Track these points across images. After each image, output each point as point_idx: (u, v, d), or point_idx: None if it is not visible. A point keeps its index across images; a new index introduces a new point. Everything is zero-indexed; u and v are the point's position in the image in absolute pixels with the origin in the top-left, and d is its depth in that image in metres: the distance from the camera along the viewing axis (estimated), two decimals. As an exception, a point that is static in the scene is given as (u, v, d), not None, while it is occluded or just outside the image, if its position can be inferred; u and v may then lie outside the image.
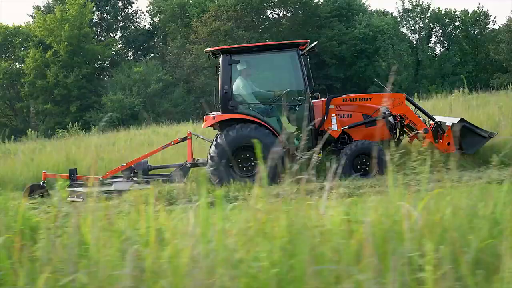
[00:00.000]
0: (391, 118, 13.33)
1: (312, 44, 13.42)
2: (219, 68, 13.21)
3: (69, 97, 48.64)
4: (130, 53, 58.01)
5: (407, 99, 13.42)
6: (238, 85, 13.24)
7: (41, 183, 13.66)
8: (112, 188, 12.89)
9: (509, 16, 50.97)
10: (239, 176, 12.69)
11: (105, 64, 55.56)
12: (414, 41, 52.37)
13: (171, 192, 11.43)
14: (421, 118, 13.29)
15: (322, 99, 13.45)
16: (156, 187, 11.82)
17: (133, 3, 57.81)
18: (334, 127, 13.07)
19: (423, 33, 52.73)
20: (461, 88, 23.14)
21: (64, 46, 48.20)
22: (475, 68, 51.08)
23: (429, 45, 53.27)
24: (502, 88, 32.61)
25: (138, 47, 56.97)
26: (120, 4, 57.08)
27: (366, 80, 51.14)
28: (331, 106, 13.15)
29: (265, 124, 12.87)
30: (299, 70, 13.04)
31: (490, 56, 50.72)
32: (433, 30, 53.97)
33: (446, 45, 54.08)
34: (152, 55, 56.40)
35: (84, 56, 49.77)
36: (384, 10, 57.38)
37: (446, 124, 12.97)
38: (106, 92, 47.41)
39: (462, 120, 12.79)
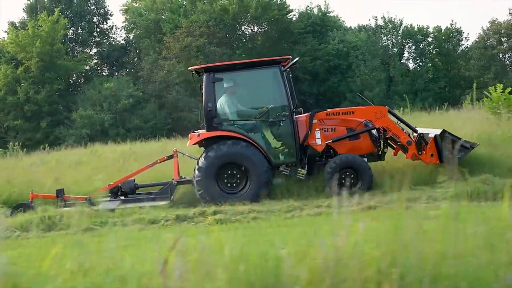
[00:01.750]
0: (374, 131, 13.45)
1: (294, 61, 13.56)
2: (203, 86, 13.28)
3: (40, 113, 48.06)
4: (105, 69, 57.69)
5: (389, 111, 13.56)
6: (222, 103, 13.32)
7: (29, 202, 13.57)
8: (99, 207, 12.96)
9: (479, 33, 51.35)
10: (224, 192, 12.76)
11: (79, 80, 55.16)
12: (386, 57, 52.54)
13: (53, 218, 11.49)
14: (404, 131, 13.40)
15: (305, 114, 13.54)
16: (43, 212, 11.85)
17: (109, 19, 57.53)
18: (318, 142, 13.15)
19: (395, 49, 53.02)
20: (401, 108, 23.66)
21: (35, 62, 47.77)
22: (448, 84, 51.46)
23: (402, 61, 53.45)
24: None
25: (112, 62, 56.71)
26: (95, 20, 56.89)
27: (339, 96, 51.38)
28: (314, 121, 13.23)
29: (250, 141, 12.96)
30: (282, 86, 13.21)
31: (462, 72, 51.10)
32: (406, 46, 54.29)
33: (418, 61, 54.47)
34: (127, 70, 56.10)
35: (56, 72, 49.17)
36: (367, 25, 57.31)
37: (429, 135, 13.10)
38: (76, 108, 47.00)
39: (444, 131, 12.95)
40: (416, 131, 13.45)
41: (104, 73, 56.39)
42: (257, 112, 13.39)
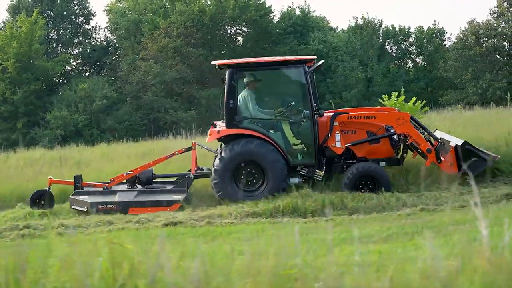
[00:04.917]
0: (395, 136, 13.44)
1: (319, 63, 13.55)
2: (225, 82, 13.25)
3: (16, 113, 47.58)
4: (87, 69, 57.05)
5: (411, 118, 13.55)
6: (243, 97, 13.34)
7: (47, 189, 13.64)
8: (116, 198, 13.14)
9: (457, 34, 51.43)
10: (241, 190, 12.72)
11: (60, 80, 54.52)
12: (365, 58, 52.43)
13: None
14: (426, 139, 13.38)
15: (326, 116, 13.50)
16: None
17: (92, 19, 56.95)
18: (338, 144, 13.14)
19: (375, 49, 52.84)
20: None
21: (12, 62, 47.21)
22: (429, 85, 51.65)
23: (381, 61, 53.28)
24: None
25: (94, 63, 56.09)
26: (78, 20, 56.30)
27: (320, 97, 51.20)
28: (335, 123, 13.22)
29: (269, 139, 12.92)
30: (306, 86, 13.21)
31: (440, 73, 51.23)
32: (386, 46, 54.40)
33: (399, 61, 54.62)
34: (107, 71, 55.48)
35: (34, 72, 48.74)
36: (352, 25, 56.93)
37: (450, 144, 13.09)
38: (52, 109, 46.54)
39: (465, 142, 12.92)
40: (437, 139, 13.44)
41: (86, 73, 55.84)
42: (278, 111, 13.41)
